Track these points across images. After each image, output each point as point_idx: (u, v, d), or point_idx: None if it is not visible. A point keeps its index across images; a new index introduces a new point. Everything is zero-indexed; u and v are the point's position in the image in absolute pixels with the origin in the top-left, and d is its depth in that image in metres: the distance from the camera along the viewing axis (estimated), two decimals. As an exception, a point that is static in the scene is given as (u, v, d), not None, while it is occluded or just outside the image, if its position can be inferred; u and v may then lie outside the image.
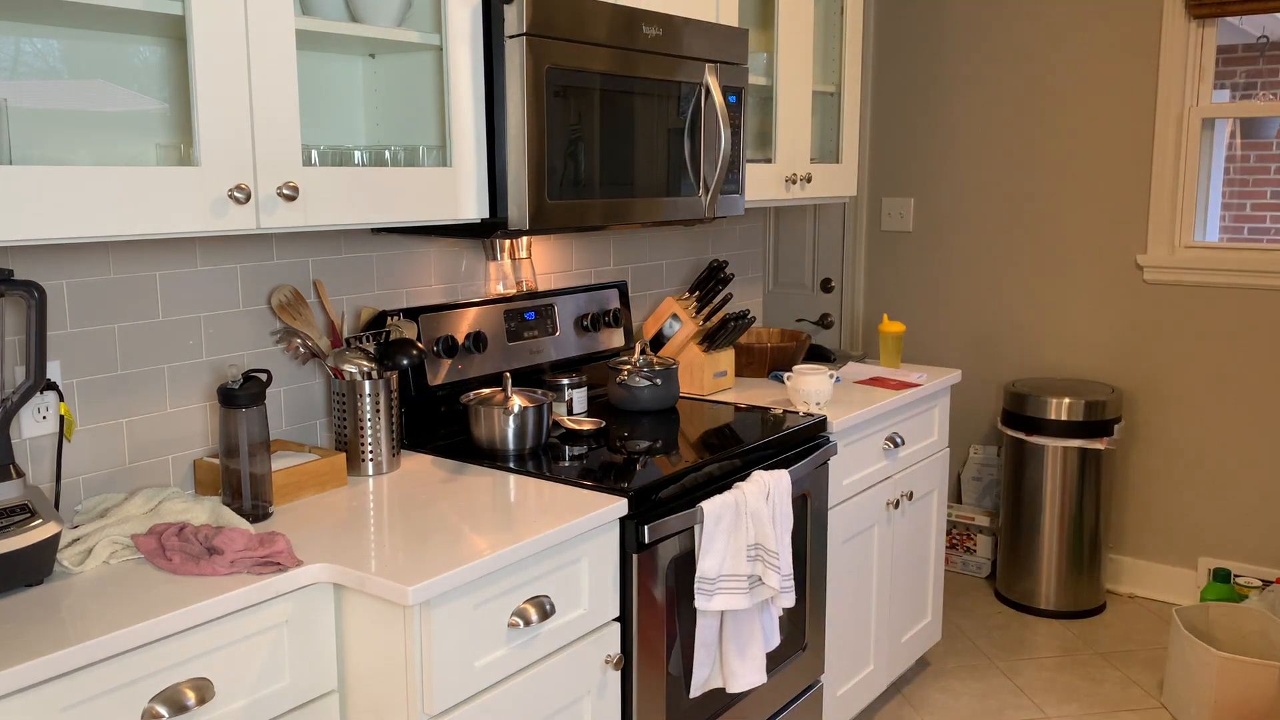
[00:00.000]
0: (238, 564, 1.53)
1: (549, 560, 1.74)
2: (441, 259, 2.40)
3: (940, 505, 3.08)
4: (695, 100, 2.35)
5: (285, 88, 1.67)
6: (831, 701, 2.63)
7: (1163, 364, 3.61)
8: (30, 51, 1.66)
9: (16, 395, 1.54)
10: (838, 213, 4.22)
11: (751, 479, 2.10)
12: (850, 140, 3.17)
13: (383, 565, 1.57)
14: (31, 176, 1.39)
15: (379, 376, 2.04)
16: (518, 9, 1.93)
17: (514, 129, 1.98)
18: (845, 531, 2.60)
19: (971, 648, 3.37)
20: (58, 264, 1.75)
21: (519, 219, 2.00)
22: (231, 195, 1.59)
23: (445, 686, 1.58)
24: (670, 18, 2.24)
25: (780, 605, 2.14)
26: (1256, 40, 4.54)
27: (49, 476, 1.76)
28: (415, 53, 2.05)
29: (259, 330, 2.06)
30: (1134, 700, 3.03)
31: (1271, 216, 6.06)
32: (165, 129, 1.83)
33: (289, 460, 1.93)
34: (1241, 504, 3.54)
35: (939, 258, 4.02)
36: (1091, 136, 3.62)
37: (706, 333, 2.76)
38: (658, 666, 1.99)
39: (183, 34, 1.59)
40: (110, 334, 1.83)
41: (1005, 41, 3.75)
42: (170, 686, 1.41)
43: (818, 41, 3.09)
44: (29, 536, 1.46)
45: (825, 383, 2.50)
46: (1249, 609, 3.00)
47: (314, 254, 2.14)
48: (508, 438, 2.15)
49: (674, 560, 2.00)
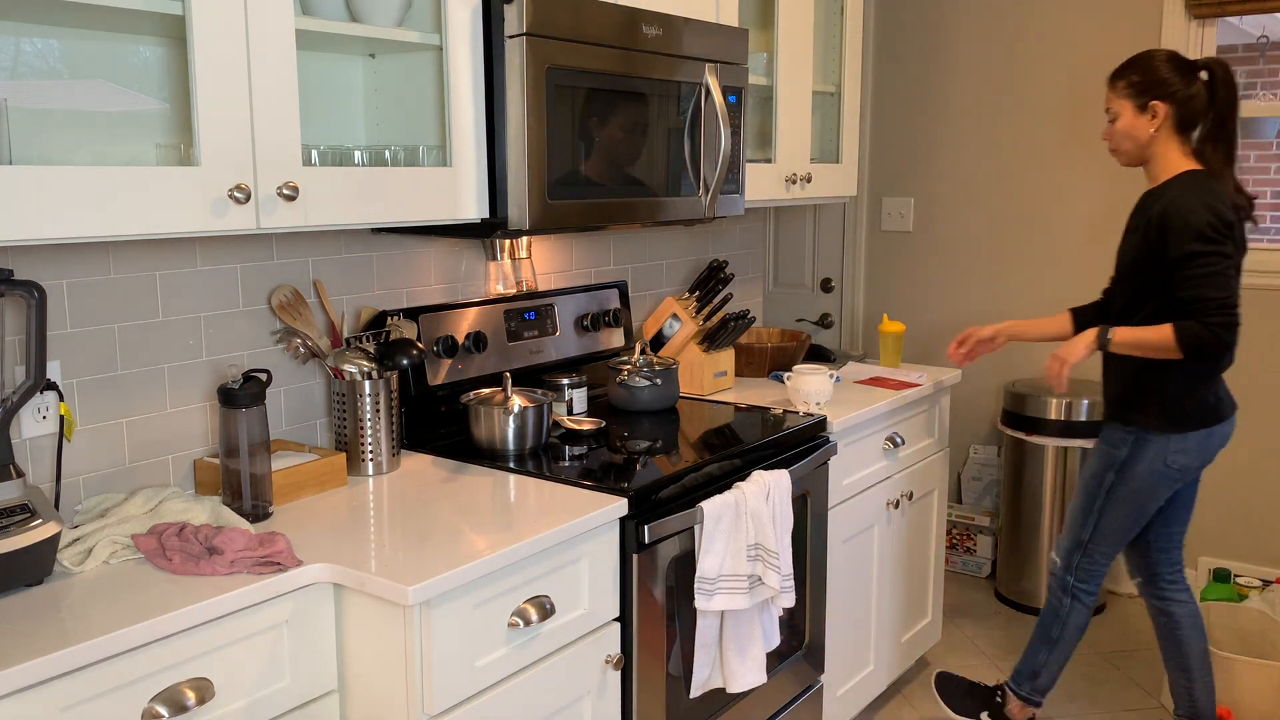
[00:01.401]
0: (238, 564, 1.53)
1: (549, 560, 1.74)
2: (441, 259, 2.40)
3: (940, 505, 3.08)
4: (695, 100, 2.35)
5: (285, 87, 1.67)
6: (831, 701, 2.63)
7: (1163, 364, 3.61)
8: (30, 51, 1.66)
9: (16, 395, 1.54)
10: (838, 213, 4.22)
11: (751, 479, 2.10)
12: (850, 140, 3.17)
13: (383, 565, 1.57)
14: (31, 176, 1.39)
15: (379, 376, 2.04)
16: (518, 9, 1.93)
17: (514, 129, 1.98)
18: (845, 531, 2.60)
19: (971, 648, 3.36)
20: (58, 264, 1.74)
21: (519, 219, 2.00)
22: (231, 195, 1.59)
23: (445, 686, 1.58)
24: (670, 18, 2.24)
25: (780, 605, 2.14)
26: (1256, 40, 4.54)
27: (49, 476, 1.76)
28: (415, 53, 2.05)
29: (259, 330, 2.06)
30: (1134, 700, 3.03)
31: (1271, 216, 6.05)
32: (165, 129, 1.83)
33: (289, 460, 1.93)
34: (1241, 504, 3.53)
35: (939, 258, 4.02)
36: (1092, 136, 3.62)
37: (706, 333, 2.76)
38: (658, 666, 1.99)
39: (183, 34, 1.59)
40: (110, 334, 1.83)
41: (1005, 41, 3.75)
42: (170, 686, 1.41)
43: (818, 41, 3.09)
44: (29, 536, 1.46)
45: (825, 383, 2.50)
46: (1249, 609, 3.00)
47: (314, 254, 2.14)
48: (508, 438, 2.15)
49: (674, 560, 2.00)
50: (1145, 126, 2.37)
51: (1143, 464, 2.45)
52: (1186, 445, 2.42)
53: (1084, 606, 2.61)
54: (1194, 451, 2.43)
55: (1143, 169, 2.46)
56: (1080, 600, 2.61)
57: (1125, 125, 2.40)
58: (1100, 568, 2.58)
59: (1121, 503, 2.50)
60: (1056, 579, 2.64)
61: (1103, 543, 2.55)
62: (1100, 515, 2.53)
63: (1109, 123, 2.45)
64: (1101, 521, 2.53)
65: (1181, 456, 2.42)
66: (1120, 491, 2.49)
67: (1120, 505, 2.50)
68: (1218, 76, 2.35)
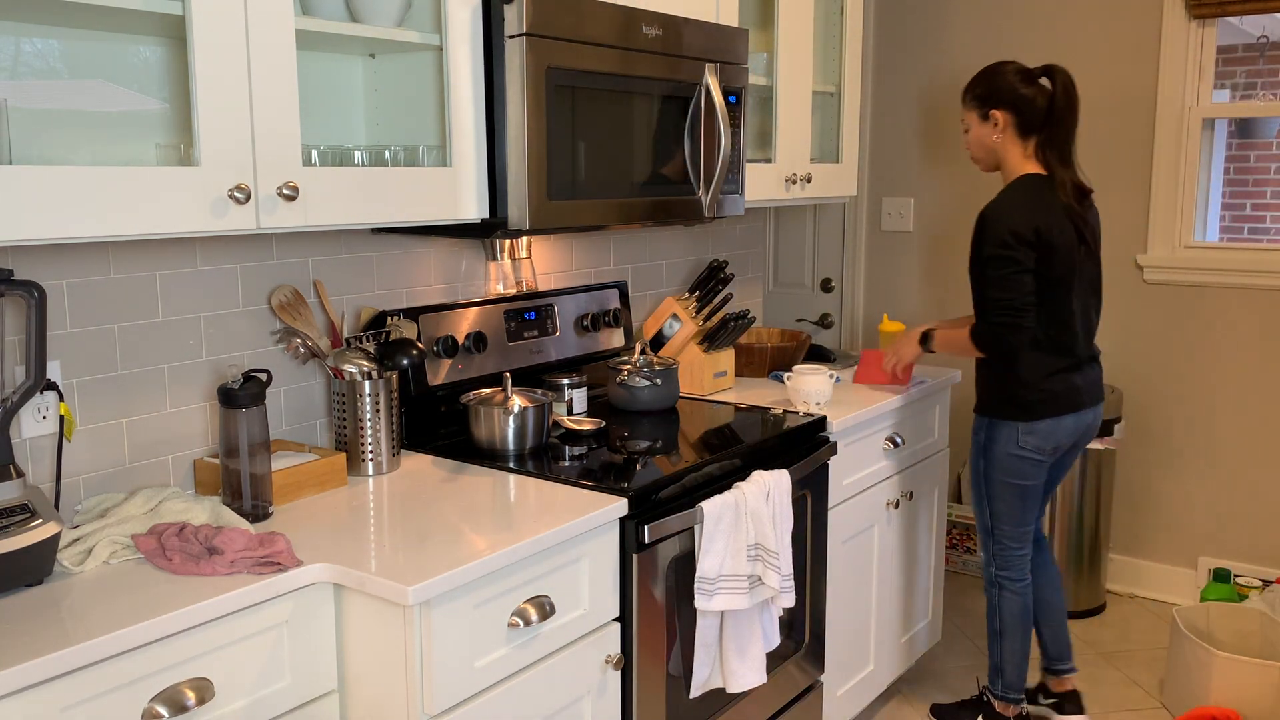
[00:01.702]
0: (238, 564, 1.53)
1: (549, 560, 1.74)
2: (441, 259, 2.40)
3: (940, 505, 3.08)
4: (695, 100, 2.35)
5: (285, 88, 1.67)
6: (831, 701, 2.63)
7: (1163, 364, 3.61)
8: (30, 51, 1.66)
9: (16, 395, 1.54)
10: (838, 213, 4.22)
11: (751, 479, 2.10)
12: (850, 140, 3.17)
13: (383, 565, 1.57)
14: (31, 176, 1.39)
15: (379, 376, 2.04)
16: (518, 9, 1.93)
17: (514, 129, 1.98)
18: (845, 531, 2.60)
19: (971, 648, 3.37)
20: (58, 264, 1.74)
21: (519, 219, 2.00)
22: (231, 195, 1.59)
23: (445, 686, 1.58)
24: (670, 17, 2.24)
25: (780, 605, 2.14)
26: (1256, 40, 4.54)
27: (49, 476, 1.76)
28: (415, 53, 2.05)
29: (259, 330, 2.06)
30: (1134, 700, 3.03)
31: (1271, 216, 6.06)
32: (165, 129, 1.83)
33: (289, 460, 1.93)
34: (1241, 504, 3.54)
35: (939, 258, 4.02)
36: (1091, 136, 3.62)
37: (706, 333, 2.76)
38: (658, 666, 1.99)
39: (183, 34, 1.59)
40: (110, 334, 1.83)
41: (1005, 41, 3.75)
42: (170, 686, 1.41)
43: (818, 41, 3.09)
44: (29, 536, 1.46)
45: (825, 383, 2.50)
46: (1249, 609, 3.00)
47: (314, 254, 2.14)
48: (508, 438, 2.15)
49: (674, 560, 2.00)
50: (990, 133, 2.54)
51: (998, 447, 2.60)
52: (1034, 429, 2.55)
53: (1013, 594, 2.70)
54: (1043, 434, 2.55)
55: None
56: (1007, 589, 2.70)
57: (975, 134, 2.58)
58: (1014, 552, 2.68)
59: (999, 484, 2.63)
60: (985, 576, 2.75)
61: (1005, 524, 2.66)
62: (990, 500, 2.67)
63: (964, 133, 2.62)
64: (994, 505, 2.66)
65: (1031, 438, 2.56)
66: (993, 474, 2.63)
67: (999, 487, 2.63)
68: (1057, 82, 2.48)
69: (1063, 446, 2.59)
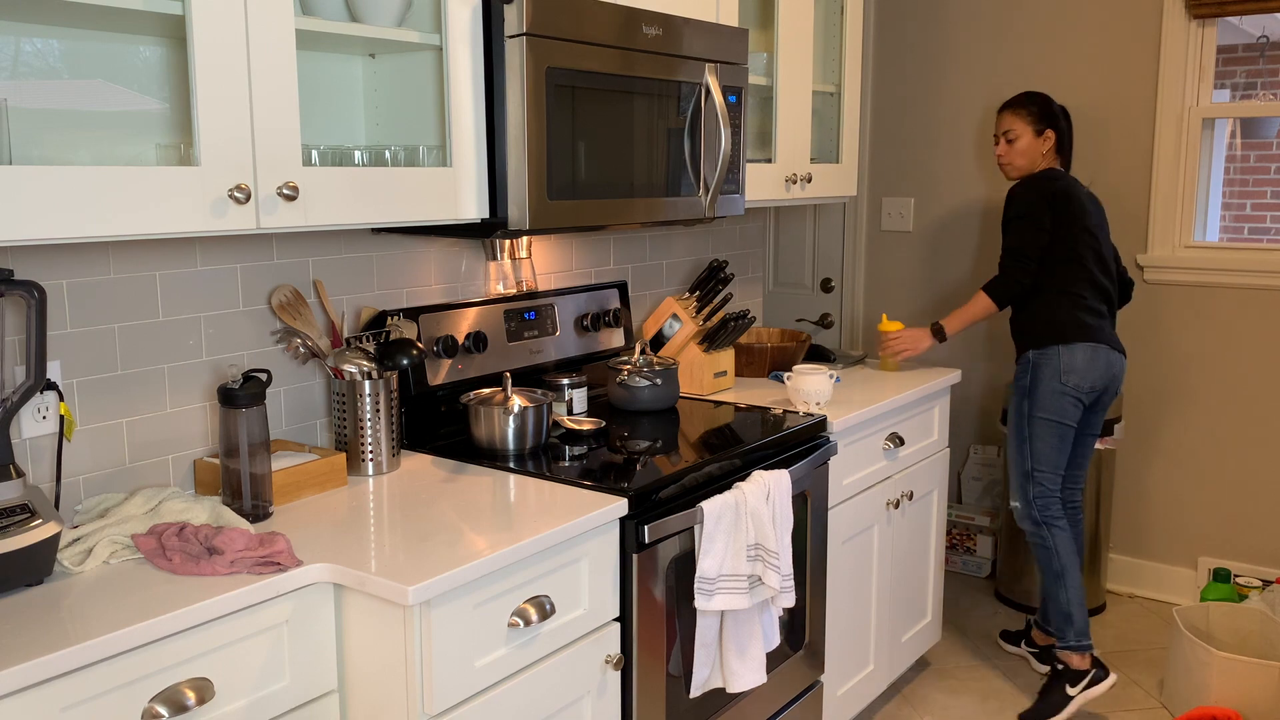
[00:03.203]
0: (238, 564, 1.53)
1: (549, 560, 1.74)
2: (441, 259, 2.40)
3: (940, 505, 3.08)
4: (695, 100, 2.35)
5: (285, 87, 1.67)
6: (831, 701, 2.63)
7: (1163, 364, 3.61)
8: (30, 51, 1.66)
9: (16, 395, 1.54)
10: (838, 213, 4.22)
11: (751, 479, 2.10)
12: (850, 140, 3.17)
13: (383, 565, 1.57)
14: (31, 176, 1.39)
15: (379, 376, 2.04)
16: (518, 9, 1.93)
17: (514, 129, 1.98)
18: (845, 531, 2.60)
19: (971, 648, 3.37)
20: (58, 264, 1.75)
21: (519, 219, 2.00)
22: (231, 195, 1.59)
23: (445, 686, 1.58)
24: (670, 17, 2.24)
25: (780, 605, 2.14)
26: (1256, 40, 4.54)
27: (49, 476, 1.76)
28: (415, 53, 2.05)
29: (259, 330, 2.06)
30: (1134, 700, 3.03)
31: (1271, 216, 6.06)
32: (165, 129, 1.83)
33: (289, 460, 1.93)
34: (1241, 504, 3.54)
35: (939, 258, 4.02)
36: (1092, 136, 3.62)
37: (706, 333, 2.76)
38: (658, 666, 1.99)
39: (183, 34, 1.59)
40: (110, 334, 1.83)
41: (1005, 41, 3.75)
42: (170, 686, 1.41)
43: (818, 41, 3.09)
44: (29, 536, 1.46)
45: (825, 383, 2.50)
46: (1249, 609, 3.00)
47: (314, 254, 2.14)
48: (508, 438, 2.15)
49: (674, 560, 2.00)
50: (1041, 145, 2.94)
51: (1043, 385, 2.84)
52: (1074, 361, 2.81)
53: (1060, 529, 2.87)
54: (1082, 370, 2.81)
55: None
56: (1055, 525, 2.87)
57: (1027, 143, 2.94)
58: (1051, 493, 2.88)
59: (1041, 424, 2.86)
60: (1028, 520, 2.91)
61: (1044, 465, 2.88)
62: (1032, 442, 2.89)
63: (1007, 143, 2.95)
64: (1035, 447, 2.88)
65: (1073, 376, 2.81)
66: (1035, 414, 2.86)
67: (1042, 426, 2.86)
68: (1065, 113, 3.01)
69: (1096, 388, 2.83)
